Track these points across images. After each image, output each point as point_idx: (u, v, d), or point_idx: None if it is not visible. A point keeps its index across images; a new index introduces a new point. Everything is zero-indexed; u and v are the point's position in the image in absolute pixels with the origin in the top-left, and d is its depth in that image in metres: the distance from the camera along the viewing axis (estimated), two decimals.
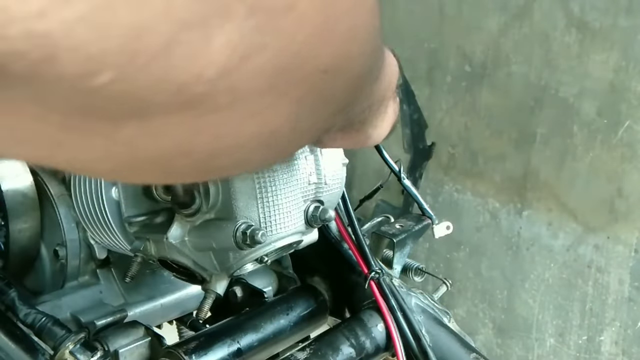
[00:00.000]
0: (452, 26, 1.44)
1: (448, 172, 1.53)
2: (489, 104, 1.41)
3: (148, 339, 0.60)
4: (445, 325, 0.65)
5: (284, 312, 0.66)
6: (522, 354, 1.45)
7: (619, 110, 1.17)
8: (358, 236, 0.66)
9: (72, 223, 0.65)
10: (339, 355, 0.61)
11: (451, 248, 1.55)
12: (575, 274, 1.32)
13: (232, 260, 0.53)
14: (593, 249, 1.28)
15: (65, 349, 0.56)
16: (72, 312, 0.64)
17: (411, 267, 0.72)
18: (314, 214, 0.57)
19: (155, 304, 0.69)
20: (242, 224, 0.50)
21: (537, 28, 1.27)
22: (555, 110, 1.28)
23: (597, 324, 1.30)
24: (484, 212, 1.47)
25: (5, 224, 0.64)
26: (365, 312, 0.65)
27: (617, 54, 1.16)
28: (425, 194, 1.56)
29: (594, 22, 1.18)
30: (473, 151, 1.47)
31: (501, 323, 1.48)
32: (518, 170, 1.38)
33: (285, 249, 0.56)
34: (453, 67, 1.46)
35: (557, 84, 1.26)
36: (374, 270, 0.64)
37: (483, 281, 1.51)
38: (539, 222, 1.36)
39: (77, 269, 0.67)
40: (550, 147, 1.30)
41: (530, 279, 1.40)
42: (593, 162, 1.23)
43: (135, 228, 0.58)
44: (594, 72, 1.20)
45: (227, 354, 0.59)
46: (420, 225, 0.73)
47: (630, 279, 1.23)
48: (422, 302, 0.67)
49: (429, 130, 1.56)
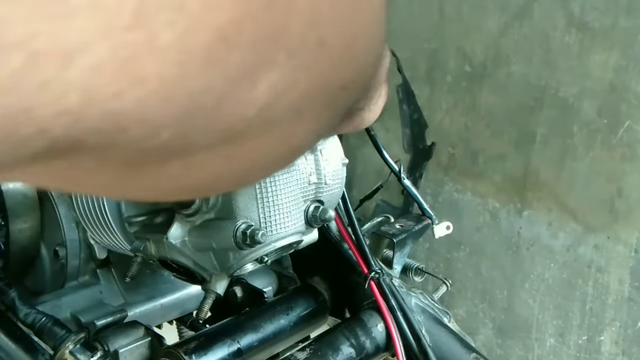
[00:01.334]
0: (452, 26, 1.44)
1: (448, 172, 1.53)
2: (489, 104, 1.41)
3: (148, 339, 0.60)
4: (445, 325, 0.65)
5: (284, 312, 0.66)
6: (522, 354, 1.45)
7: (619, 110, 1.17)
8: (358, 236, 0.66)
9: (72, 223, 0.65)
10: (339, 355, 0.61)
11: (451, 248, 1.55)
12: (575, 274, 1.32)
13: (232, 260, 0.53)
14: (593, 249, 1.28)
15: (65, 349, 0.56)
16: (72, 312, 0.64)
17: (411, 267, 0.72)
18: (314, 214, 0.57)
19: (155, 304, 0.69)
20: (242, 224, 0.50)
21: (537, 28, 1.27)
22: (555, 110, 1.28)
23: (597, 324, 1.30)
24: (484, 212, 1.47)
25: (5, 224, 0.64)
26: (365, 312, 0.65)
27: (617, 54, 1.16)
28: (425, 194, 1.56)
29: (594, 22, 1.18)
30: (473, 151, 1.47)
31: (501, 323, 1.49)
32: (518, 170, 1.38)
33: (285, 249, 0.56)
34: (453, 67, 1.46)
35: (557, 84, 1.26)
36: (374, 270, 0.64)
37: (483, 281, 1.51)
38: (539, 222, 1.36)
39: (77, 269, 0.67)
40: (550, 147, 1.30)
41: (530, 279, 1.40)
42: (593, 162, 1.23)
43: (135, 228, 0.57)
44: (594, 72, 1.20)
45: (227, 354, 0.59)
46: (420, 225, 0.73)
47: (630, 279, 1.23)
48: (422, 302, 0.67)
49: (429, 130, 1.56)
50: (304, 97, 0.17)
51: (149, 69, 0.13)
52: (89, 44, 0.12)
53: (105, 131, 0.14)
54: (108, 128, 0.14)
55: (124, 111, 0.13)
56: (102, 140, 0.14)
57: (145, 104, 0.14)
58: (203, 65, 0.14)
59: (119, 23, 0.12)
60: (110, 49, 0.12)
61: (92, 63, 0.12)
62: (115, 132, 0.14)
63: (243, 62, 0.15)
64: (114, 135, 0.14)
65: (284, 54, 0.15)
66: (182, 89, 0.14)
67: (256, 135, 0.18)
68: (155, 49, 0.13)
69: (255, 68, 0.15)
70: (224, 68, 0.14)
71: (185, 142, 0.16)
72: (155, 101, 0.14)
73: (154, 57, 0.13)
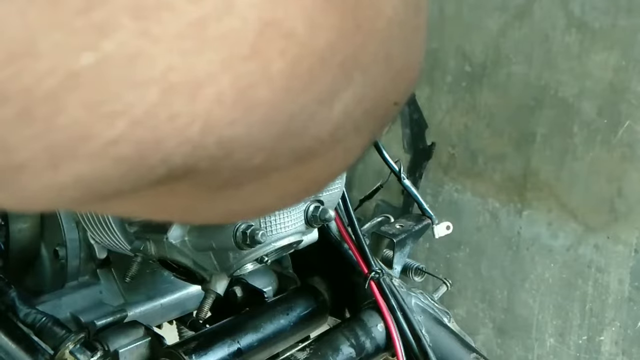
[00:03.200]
0: (452, 26, 1.44)
1: (448, 172, 1.53)
2: (489, 104, 1.41)
3: (148, 339, 0.60)
4: (445, 325, 0.65)
5: (284, 312, 0.66)
6: (522, 354, 1.45)
7: (619, 110, 1.17)
8: (358, 236, 0.66)
9: (72, 223, 0.65)
10: (339, 355, 0.61)
11: (451, 248, 1.55)
12: (575, 274, 1.32)
13: (232, 260, 0.53)
14: (593, 249, 1.28)
15: (65, 349, 0.56)
16: (72, 312, 0.65)
17: (411, 267, 0.72)
18: (314, 214, 0.57)
19: (155, 304, 0.69)
20: (242, 224, 0.50)
21: (537, 28, 1.27)
22: (555, 110, 1.28)
23: (597, 324, 1.30)
24: (484, 212, 1.47)
25: (5, 224, 0.64)
26: (365, 312, 0.65)
27: (617, 54, 1.15)
28: (425, 194, 1.56)
29: (594, 22, 1.18)
30: (473, 151, 1.47)
31: (501, 323, 1.48)
32: (518, 170, 1.38)
33: (285, 249, 0.56)
34: (453, 67, 1.46)
35: (557, 84, 1.26)
36: (374, 270, 0.64)
37: (483, 281, 1.51)
38: (539, 222, 1.36)
39: (77, 269, 0.67)
40: (550, 147, 1.30)
41: (530, 279, 1.40)
42: (593, 162, 1.23)
43: (135, 228, 0.57)
44: (594, 72, 1.20)
45: (227, 354, 0.59)
46: (420, 225, 0.73)
47: (630, 279, 1.23)
48: (422, 302, 0.67)
49: (429, 130, 1.56)
50: (366, 113, 0.17)
51: (261, 96, 0.13)
52: (214, 76, 0.12)
53: (216, 157, 0.14)
54: (219, 154, 0.14)
55: (235, 137, 0.14)
56: (211, 166, 0.14)
57: (253, 129, 0.14)
58: (303, 88, 0.14)
59: (239, 53, 0.12)
60: (230, 79, 0.13)
61: (215, 94, 0.13)
62: (223, 157, 0.14)
63: (332, 82, 0.15)
64: (222, 161, 0.14)
65: (359, 72, 0.16)
66: (283, 114, 0.14)
67: (322, 154, 0.18)
68: (268, 77, 0.13)
69: (338, 87, 0.15)
70: (317, 90, 0.15)
71: (269, 165, 0.16)
72: (261, 126, 0.14)
73: (267, 84, 0.13)
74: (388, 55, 0.16)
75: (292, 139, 0.15)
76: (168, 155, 0.13)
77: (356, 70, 0.15)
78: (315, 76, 0.14)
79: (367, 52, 0.16)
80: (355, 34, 0.15)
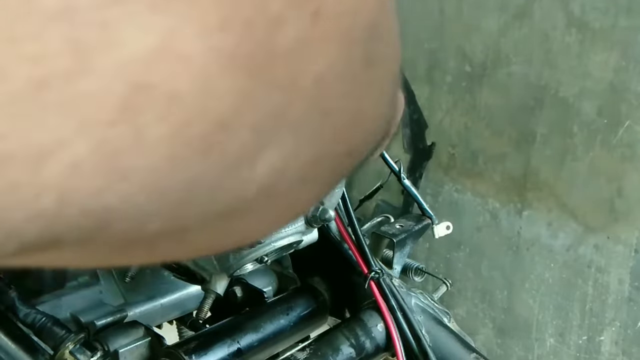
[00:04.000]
0: (452, 26, 1.44)
1: (448, 172, 1.53)
2: (489, 104, 1.41)
3: (148, 339, 0.60)
4: (445, 325, 0.65)
5: (284, 312, 0.66)
6: (522, 354, 1.45)
7: (619, 110, 1.17)
8: (358, 236, 0.66)
9: None
10: (339, 355, 0.61)
11: (451, 248, 1.55)
12: (575, 274, 1.32)
13: (232, 260, 0.53)
14: (593, 249, 1.28)
15: (65, 349, 0.56)
16: (72, 312, 0.65)
17: (411, 267, 0.72)
18: (314, 214, 0.57)
19: (155, 304, 0.69)
20: None
21: (537, 28, 1.27)
22: (555, 110, 1.28)
23: (597, 324, 1.30)
24: (484, 212, 1.47)
25: None
26: (365, 312, 0.65)
27: (617, 54, 1.15)
28: (425, 194, 1.56)
29: (594, 22, 1.18)
30: (473, 151, 1.47)
31: (501, 323, 1.49)
32: (518, 170, 1.38)
33: (285, 249, 0.56)
34: (453, 67, 1.46)
35: (557, 84, 1.26)
36: (374, 270, 0.64)
37: (483, 281, 1.51)
38: (539, 222, 1.36)
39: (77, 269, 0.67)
40: (550, 147, 1.30)
41: (530, 279, 1.40)
42: (593, 162, 1.23)
43: None
44: (594, 72, 1.20)
45: (227, 354, 0.59)
46: (420, 225, 0.73)
47: (630, 279, 1.23)
48: (422, 302, 0.67)
49: (429, 130, 1.56)
50: (308, 166, 0.17)
51: (135, 164, 0.12)
52: (65, 142, 0.11)
53: (86, 228, 0.13)
54: (89, 225, 0.13)
55: (106, 208, 0.13)
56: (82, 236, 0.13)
57: (131, 199, 0.13)
58: (198, 155, 0.13)
59: (101, 118, 0.11)
60: (89, 145, 0.11)
61: (69, 162, 0.11)
62: (96, 229, 0.13)
63: (243, 145, 0.14)
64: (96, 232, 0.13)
65: (286, 130, 0.15)
66: (174, 181, 0.13)
67: (255, 210, 0.17)
68: (143, 144, 0.12)
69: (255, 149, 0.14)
70: (222, 155, 0.14)
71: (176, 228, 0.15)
72: (142, 195, 0.13)
73: (141, 151, 0.12)
74: (325, 111, 0.15)
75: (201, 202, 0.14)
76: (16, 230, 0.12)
77: (281, 130, 0.15)
78: (216, 142, 0.13)
79: (293, 112, 0.14)
80: (270, 96, 0.14)
